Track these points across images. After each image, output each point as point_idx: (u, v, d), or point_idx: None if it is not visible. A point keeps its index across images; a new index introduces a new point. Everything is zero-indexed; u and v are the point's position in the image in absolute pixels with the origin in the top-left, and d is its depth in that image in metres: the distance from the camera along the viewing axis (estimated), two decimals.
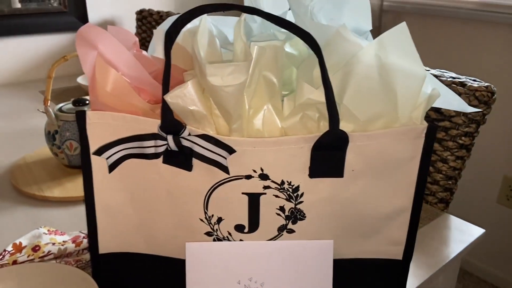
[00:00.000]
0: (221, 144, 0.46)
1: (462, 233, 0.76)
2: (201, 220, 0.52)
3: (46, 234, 0.70)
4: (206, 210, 0.52)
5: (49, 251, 0.66)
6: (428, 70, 0.86)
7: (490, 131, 1.67)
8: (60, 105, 0.92)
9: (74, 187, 0.86)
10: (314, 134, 0.47)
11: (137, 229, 0.55)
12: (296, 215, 0.52)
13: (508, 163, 1.65)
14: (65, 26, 1.63)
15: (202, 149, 0.47)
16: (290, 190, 0.50)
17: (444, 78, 0.82)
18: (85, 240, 0.69)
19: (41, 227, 0.71)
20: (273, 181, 0.49)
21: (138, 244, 0.56)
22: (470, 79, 0.80)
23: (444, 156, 0.82)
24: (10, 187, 0.87)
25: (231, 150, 0.46)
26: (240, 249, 0.53)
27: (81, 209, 0.81)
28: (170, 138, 0.47)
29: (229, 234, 0.53)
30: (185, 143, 0.47)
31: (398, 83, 0.47)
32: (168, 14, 1.54)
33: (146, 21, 1.60)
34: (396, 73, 0.47)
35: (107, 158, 0.49)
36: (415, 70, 0.47)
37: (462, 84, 0.79)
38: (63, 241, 0.69)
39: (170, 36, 0.47)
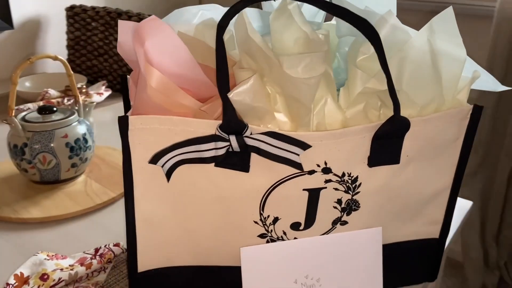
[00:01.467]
0: (293, 140, 0.43)
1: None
2: (255, 222, 0.50)
3: (47, 259, 0.62)
4: (262, 212, 0.49)
5: (60, 278, 0.58)
6: None
7: None
8: (22, 114, 0.82)
9: (54, 205, 0.77)
10: (376, 122, 0.47)
11: (180, 241, 0.51)
12: (351, 206, 0.51)
13: None
14: None
15: (271, 147, 0.44)
16: (350, 181, 0.49)
17: None
18: (95, 261, 0.62)
19: (39, 253, 0.63)
20: (335, 174, 0.48)
21: (180, 256, 0.52)
22: None
23: None
24: None
25: (305, 146, 0.44)
26: (295, 247, 0.51)
27: (69, 228, 0.73)
28: (233, 138, 0.44)
29: (284, 233, 0.51)
30: (250, 142, 0.44)
31: (443, 66, 0.49)
32: (106, 10, 1.43)
33: (79, 17, 1.48)
34: (442, 57, 0.48)
35: (162, 166, 0.45)
36: (457, 53, 0.49)
37: None
38: (70, 265, 0.61)
39: (222, 29, 0.43)
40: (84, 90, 1.27)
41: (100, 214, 0.77)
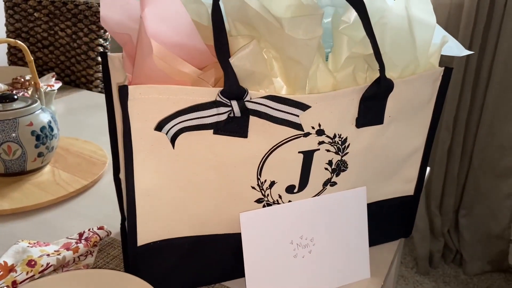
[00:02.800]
0: (293, 102, 0.46)
1: None
2: (253, 187, 0.51)
3: (30, 247, 0.59)
4: (259, 177, 0.51)
5: (48, 263, 0.57)
6: None
7: None
8: None
9: (23, 195, 0.74)
10: (363, 85, 0.50)
11: (179, 211, 0.51)
12: (340, 167, 0.54)
13: None
14: None
15: (271, 110, 0.46)
16: (340, 142, 0.52)
17: None
18: (81, 245, 0.61)
19: (20, 241, 0.60)
20: (327, 136, 0.51)
21: (178, 228, 0.52)
22: None
23: None
24: None
25: (304, 107, 0.46)
26: (290, 210, 0.54)
27: (44, 217, 0.70)
28: (234, 103, 0.45)
29: (279, 197, 0.53)
30: (251, 106, 0.46)
31: (417, 32, 0.53)
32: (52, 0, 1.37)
33: (20, 8, 1.40)
34: (416, 23, 0.53)
35: (166, 133, 0.45)
36: (429, 20, 0.53)
37: None
38: (55, 251, 0.60)
39: None
40: (32, 83, 1.21)
41: (74, 202, 0.75)
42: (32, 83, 1.18)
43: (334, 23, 0.52)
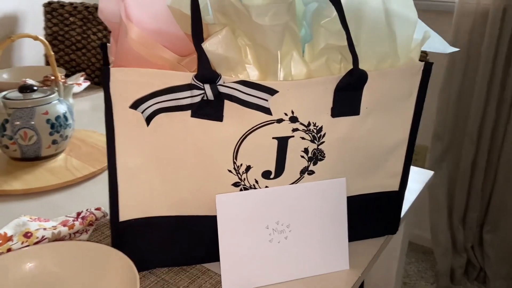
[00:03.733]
0: (262, 87, 0.48)
1: (418, 176, 0.87)
2: (229, 171, 0.54)
3: (30, 221, 0.64)
4: (235, 160, 0.53)
5: (43, 236, 0.61)
6: None
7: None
8: (3, 93, 0.84)
9: (35, 178, 0.80)
10: (337, 75, 0.52)
11: (159, 191, 0.54)
12: (317, 156, 0.56)
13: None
14: None
15: (243, 94, 0.48)
16: (315, 131, 0.54)
17: None
18: (77, 223, 0.65)
19: (22, 216, 0.65)
20: (301, 123, 0.52)
21: (159, 207, 0.55)
22: None
23: None
24: None
25: (272, 91, 0.48)
26: (266, 195, 0.55)
27: (51, 199, 0.75)
28: (207, 86, 0.48)
29: (256, 182, 0.55)
30: (223, 90, 0.48)
31: (397, 26, 0.54)
32: (84, 5, 1.46)
33: (57, 13, 1.50)
34: (395, 18, 0.54)
35: (142, 112, 0.49)
36: (410, 15, 0.55)
37: None
38: (53, 226, 0.64)
39: None
40: (62, 81, 1.29)
41: (81, 187, 0.79)
42: (62, 81, 1.26)
43: (315, 17, 0.54)
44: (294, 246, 0.57)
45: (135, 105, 0.48)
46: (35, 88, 0.85)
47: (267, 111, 0.49)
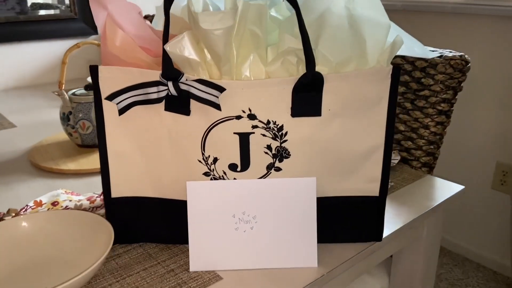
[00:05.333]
0: (213, 85, 0.53)
1: (443, 189, 0.82)
2: (199, 161, 0.60)
3: (63, 193, 0.77)
4: (203, 151, 0.59)
5: (66, 206, 0.73)
6: None
7: (482, 119, 1.74)
8: (73, 90, 1.01)
9: (87, 162, 0.94)
10: (294, 76, 0.55)
11: (145, 174, 0.62)
12: (282, 153, 0.59)
13: (500, 149, 1.71)
14: (76, 32, 1.73)
15: (198, 91, 0.54)
16: (276, 129, 0.57)
17: None
18: (99, 199, 0.76)
19: (59, 189, 0.79)
20: (260, 121, 0.56)
21: (146, 188, 0.63)
22: (446, 51, 0.88)
23: (425, 123, 0.89)
24: (28, 164, 0.96)
25: (221, 89, 0.53)
26: (234, 186, 0.60)
27: (94, 180, 0.89)
28: (170, 83, 0.55)
29: (224, 173, 0.60)
30: (183, 87, 0.55)
31: (366, 31, 0.55)
32: None
33: None
34: (364, 23, 0.55)
35: (117, 104, 0.57)
36: (380, 20, 0.55)
37: (439, 55, 0.87)
38: (79, 200, 0.76)
39: None
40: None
41: None
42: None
43: (284, 24, 0.58)
44: (260, 237, 0.61)
45: (110, 98, 0.57)
46: None
47: (217, 107, 0.54)
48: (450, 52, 0.87)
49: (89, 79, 1.56)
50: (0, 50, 1.63)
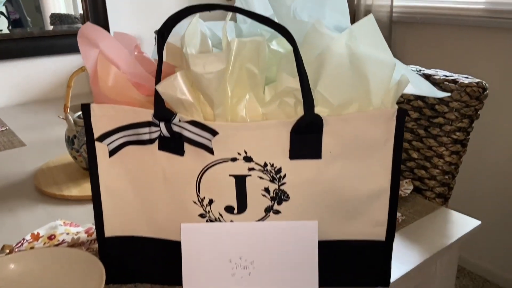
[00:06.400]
0: (206, 128, 0.51)
1: (458, 225, 0.78)
2: (194, 202, 0.57)
3: (61, 225, 0.76)
4: (198, 193, 0.56)
5: (63, 240, 0.71)
6: (422, 70, 0.89)
7: (492, 131, 1.67)
8: (78, 113, 0.99)
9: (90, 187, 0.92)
10: (292, 119, 0.51)
11: (139, 214, 0.60)
12: (280, 196, 0.56)
13: (510, 161, 1.65)
14: None
15: (190, 134, 0.52)
16: (273, 171, 0.54)
17: (438, 77, 0.85)
18: None
19: (57, 220, 0.77)
20: (256, 163, 0.53)
21: (140, 227, 0.61)
22: (462, 76, 0.83)
23: (439, 152, 0.85)
24: (33, 188, 0.95)
25: (214, 133, 0.51)
26: (230, 229, 0.57)
27: None
28: (162, 124, 0.52)
29: (220, 215, 0.57)
30: (175, 128, 0.52)
31: (370, 70, 0.52)
32: None
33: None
34: (366, 61, 0.51)
35: (108, 145, 0.55)
36: (384, 58, 0.52)
37: (454, 81, 0.82)
38: (77, 232, 0.75)
39: (162, 34, 0.53)
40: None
41: None
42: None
43: (282, 61, 0.55)
44: (258, 283, 0.58)
45: (101, 138, 0.55)
46: None
47: (210, 150, 0.52)
48: (467, 78, 0.82)
49: None
50: (15, 64, 1.64)
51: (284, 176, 0.54)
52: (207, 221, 0.58)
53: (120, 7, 1.76)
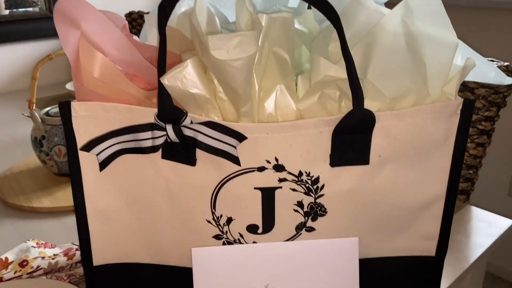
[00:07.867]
0: (229, 131, 0.39)
1: (489, 225, 0.70)
2: (208, 221, 0.46)
3: (34, 247, 0.63)
4: (213, 210, 0.45)
5: (38, 266, 0.59)
6: None
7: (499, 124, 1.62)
8: (47, 109, 0.85)
9: (65, 196, 0.79)
10: (336, 115, 0.41)
11: (136, 237, 0.48)
12: (316, 211, 0.45)
13: None
14: (51, 31, 1.56)
15: (207, 138, 0.40)
16: (309, 182, 0.43)
17: None
18: (78, 253, 0.62)
19: (29, 240, 0.64)
20: (289, 173, 0.43)
21: (137, 253, 0.49)
22: (488, 59, 0.75)
23: None
24: None
25: (241, 137, 0.39)
26: (253, 252, 0.47)
27: (73, 219, 0.74)
28: (169, 127, 0.41)
29: (241, 236, 0.47)
30: (187, 132, 0.41)
31: (427, 53, 0.41)
32: None
33: (136, 23, 1.54)
34: (424, 42, 0.41)
35: (97, 155, 0.43)
36: (446, 37, 0.41)
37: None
38: (54, 255, 0.62)
39: (165, 10, 0.41)
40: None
41: None
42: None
43: (318, 42, 0.44)
44: None
45: (87, 147, 0.42)
46: None
47: (235, 160, 0.40)
48: (492, 61, 0.74)
49: (69, 87, 1.39)
50: None
51: (323, 186, 0.44)
52: (224, 243, 0.47)
53: None
